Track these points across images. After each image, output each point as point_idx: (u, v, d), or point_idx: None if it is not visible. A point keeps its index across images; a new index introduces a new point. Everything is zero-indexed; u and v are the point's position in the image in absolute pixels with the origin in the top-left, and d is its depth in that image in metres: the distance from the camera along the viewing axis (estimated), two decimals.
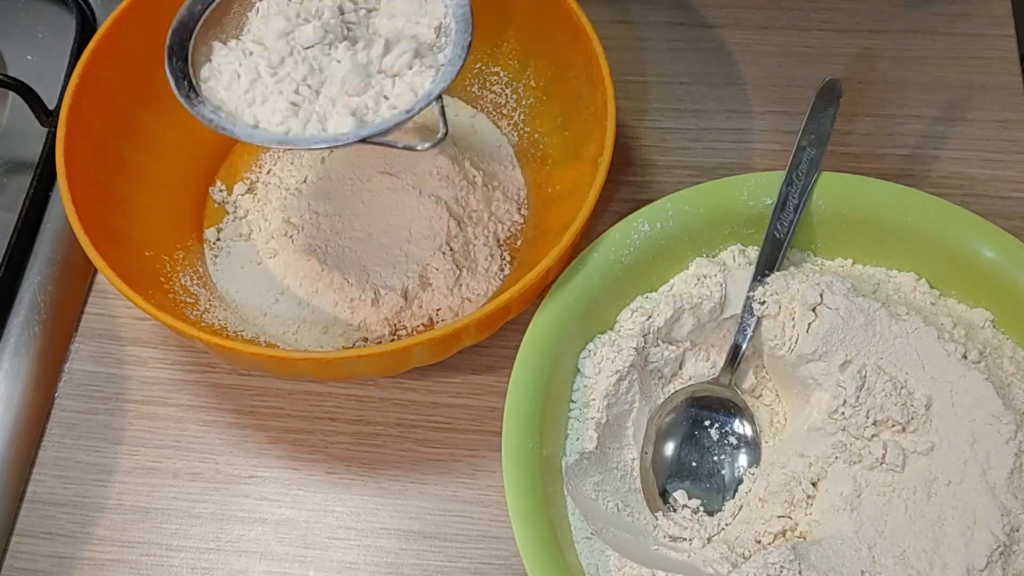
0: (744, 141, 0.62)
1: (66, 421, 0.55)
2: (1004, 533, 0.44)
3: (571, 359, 0.50)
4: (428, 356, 0.49)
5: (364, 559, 0.51)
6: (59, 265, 0.57)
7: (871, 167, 0.61)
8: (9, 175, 0.61)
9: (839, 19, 0.67)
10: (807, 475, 0.48)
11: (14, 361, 0.54)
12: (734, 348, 0.51)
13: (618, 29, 0.67)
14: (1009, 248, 0.50)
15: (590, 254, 0.50)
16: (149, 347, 0.57)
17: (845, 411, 0.48)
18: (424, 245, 0.55)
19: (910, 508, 0.46)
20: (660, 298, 0.52)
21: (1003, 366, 0.49)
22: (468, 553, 0.51)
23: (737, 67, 0.65)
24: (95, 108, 0.51)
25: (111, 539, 0.52)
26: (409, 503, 0.53)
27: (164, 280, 0.53)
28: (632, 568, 0.46)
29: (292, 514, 0.52)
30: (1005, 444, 0.45)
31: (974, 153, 0.61)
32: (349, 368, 0.48)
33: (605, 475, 0.49)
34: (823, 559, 0.45)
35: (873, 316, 0.48)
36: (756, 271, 0.51)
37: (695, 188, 0.52)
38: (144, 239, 0.53)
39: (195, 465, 0.54)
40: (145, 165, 0.55)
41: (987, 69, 0.64)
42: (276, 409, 0.55)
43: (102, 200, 0.51)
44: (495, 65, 0.60)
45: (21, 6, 0.67)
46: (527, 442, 0.46)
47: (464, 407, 0.55)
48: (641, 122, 0.63)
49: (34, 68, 0.64)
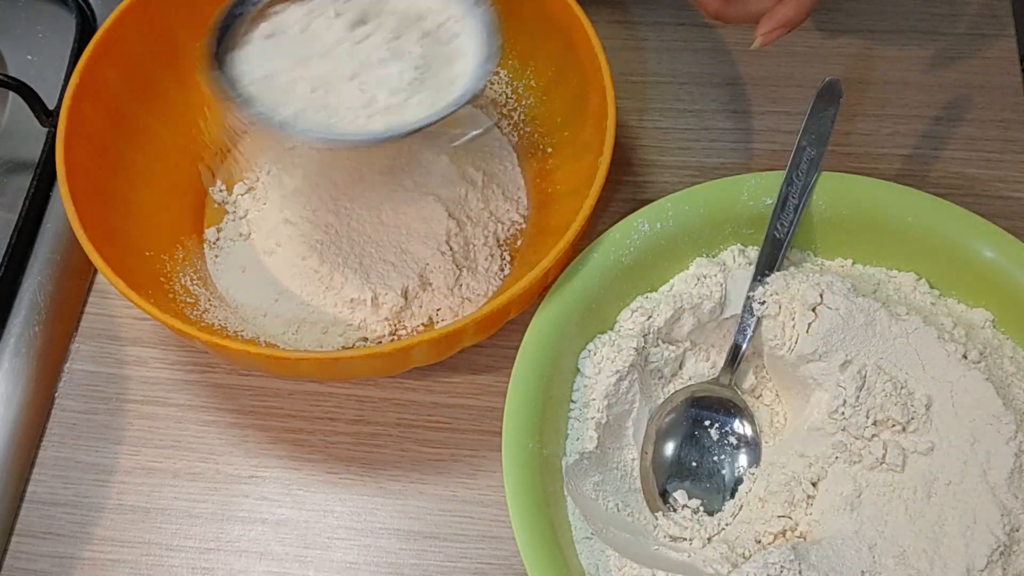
0: (744, 141, 0.62)
1: (66, 421, 0.55)
2: (1004, 533, 0.44)
3: (571, 359, 0.50)
4: (428, 356, 0.49)
5: (364, 559, 0.51)
6: (59, 265, 0.57)
7: (871, 167, 0.61)
8: (9, 175, 0.61)
9: (839, 19, 0.67)
10: (807, 475, 0.48)
11: (14, 361, 0.54)
12: (734, 348, 0.51)
13: (618, 29, 0.67)
14: (1009, 248, 0.50)
15: (590, 254, 0.50)
16: (149, 347, 0.57)
17: (845, 411, 0.48)
18: (424, 245, 0.55)
19: (910, 508, 0.46)
20: (660, 298, 0.52)
21: (1003, 366, 0.49)
22: (468, 553, 0.51)
23: (737, 67, 0.65)
24: (95, 108, 0.51)
25: (111, 539, 0.52)
26: (409, 503, 0.53)
27: (164, 280, 0.53)
28: (632, 568, 0.46)
29: (292, 514, 0.52)
30: (1005, 444, 0.45)
31: (974, 153, 0.61)
32: (349, 368, 0.48)
33: (605, 475, 0.49)
34: (823, 559, 0.45)
35: (873, 316, 0.48)
36: (756, 271, 0.51)
37: (695, 188, 0.52)
38: (144, 239, 0.53)
39: (195, 465, 0.54)
40: (145, 165, 0.55)
41: (987, 69, 0.64)
42: (276, 409, 0.55)
43: (102, 200, 0.51)
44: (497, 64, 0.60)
45: (21, 6, 0.67)
46: (527, 442, 0.46)
47: (464, 407, 0.55)
48: (641, 122, 0.63)
49: (34, 68, 0.64)
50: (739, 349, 0.51)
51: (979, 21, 0.66)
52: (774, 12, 0.49)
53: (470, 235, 0.57)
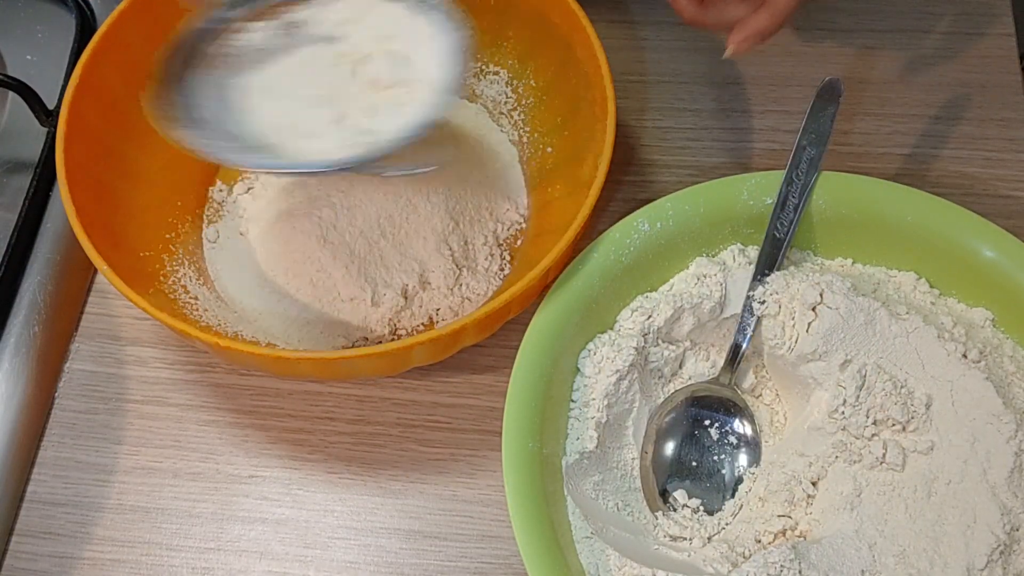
0: (744, 141, 0.62)
1: (66, 421, 0.55)
2: (1004, 532, 0.44)
3: (571, 359, 0.50)
4: (429, 356, 0.49)
5: (364, 559, 0.51)
6: (59, 265, 0.57)
7: (871, 167, 0.61)
8: (9, 175, 0.61)
9: (839, 19, 0.67)
10: (807, 474, 0.48)
11: (14, 361, 0.54)
12: (734, 348, 0.51)
13: (618, 29, 0.67)
14: (1009, 248, 0.50)
15: (590, 254, 0.50)
16: (149, 347, 0.57)
17: (845, 410, 0.48)
18: (423, 244, 0.55)
19: (910, 507, 0.46)
20: (660, 298, 0.52)
21: (1003, 365, 0.49)
22: (468, 553, 0.51)
23: (737, 67, 0.65)
24: (95, 108, 0.51)
25: (111, 539, 0.52)
26: (409, 503, 0.53)
27: (164, 280, 0.53)
28: (632, 568, 0.46)
29: (292, 514, 0.52)
30: (1005, 443, 0.45)
31: (974, 152, 0.61)
32: (350, 368, 0.48)
33: (605, 475, 0.49)
34: (823, 558, 0.45)
35: (873, 315, 0.48)
36: (756, 271, 0.51)
37: (695, 188, 0.52)
38: (144, 239, 0.53)
39: (195, 465, 0.54)
40: (145, 165, 0.55)
41: (987, 69, 0.64)
42: (276, 409, 0.55)
43: (102, 200, 0.51)
44: (495, 64, 0.60)
45: (21, 6, 0.67)
46: (527, 442, 0.46)
47: (464, 407, 0.55)
48: (641, 122, 0.63)
49: (34, 68, 0.65)
50: (739, 349, 0.51)
51: (979, 20, 0.66)
52: (747, 22, 0.48)
53: (470, 235, 0.57)
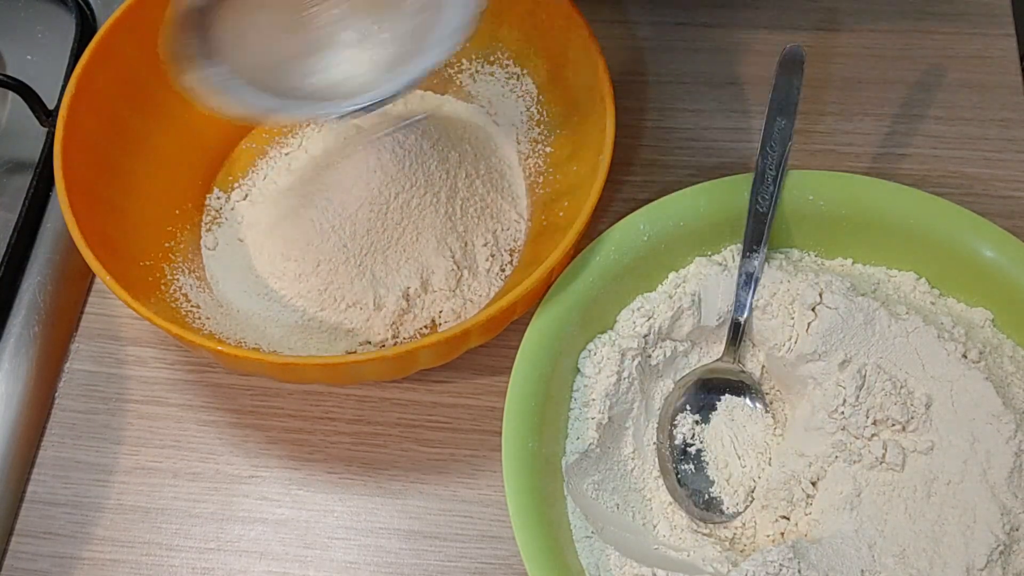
0: (744, 141, 0.62)
1: (66, 421, 0.55)
2: (1004, 532, 0.44)
3: (571, 359, 0.50)
4: (434, 358, 0.49)
5: (364, 559, 0.51)
6: (59, 265, 0.57)
7: (871, 167, 0.61)
8: (9, 175, 0.61)
9: (839, 19, 0.67)
10: (807, 474, 0.48)
11: (14, 361, 0.55)
12: (733, 325, 0.51)
13: (618, 29, 0.67)
14: (1009, 248, 0.50)
15: (590, 254, 0.50)
16: (149, 347, 0.57)
17: (845, 410, 0.48)
18: (424, 247, 0.55)
19: (910, 507, 0.46)
20: (660, 298, 0.52)
21: (1003, 366, 0.49)
22: (468, 553, 0.51)
23: (737, 67, 0.65)
24: (92, 116, 0.51)
25: (111, 539, 0.52)
26: (409, 503, 0.53)
27: (165, 288, 0.53)
28: (632, 567, 0.46)
29: (292, 514, 0.52)
30: (1005, 443, 0.45)
31: (974, 152, 0.61)
32: (356, 372, 0.48)
33: (605, 475, 0.49)
34: (823, 558, 0.45)
35: (873, 315, 0.48)
36: (744, 248, 0.51)
37: (695, 188, 0.52)
38: (144, 247, 0.53)
39: (195, 465, 0.54)
40: (143, 174, 0.55)
41: (987, 69, 0.64)
42: (276, 409, 0.55)
43: (101, 210, 0.51)
44: (494, 64, 0.60)
45: (21, 6, 0.67)
46: (527, 442, 0.46)
47: (464, 407, 0.55)
48: (641, 122, 0.63)
49: (34, 68, 0.65)
50: (738, 326, 0.51)
51: (979, 20, 0.66)
52: None
53: (470, 236, 0.56)
